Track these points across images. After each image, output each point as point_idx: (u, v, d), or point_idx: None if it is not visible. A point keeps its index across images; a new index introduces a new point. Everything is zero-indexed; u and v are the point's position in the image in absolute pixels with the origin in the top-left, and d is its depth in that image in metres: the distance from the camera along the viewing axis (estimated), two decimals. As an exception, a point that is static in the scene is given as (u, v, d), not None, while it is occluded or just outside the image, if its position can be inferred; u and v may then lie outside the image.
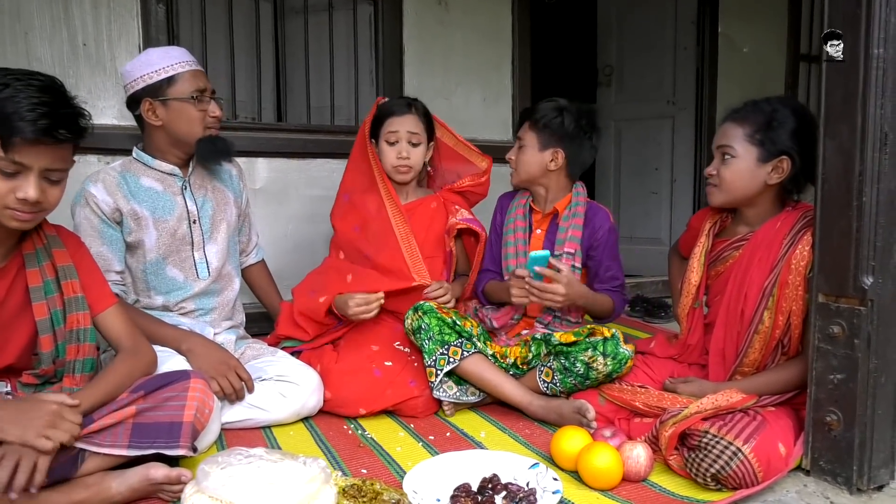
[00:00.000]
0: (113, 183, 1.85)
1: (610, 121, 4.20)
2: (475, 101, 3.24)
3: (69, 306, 1.42)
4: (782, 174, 1.60)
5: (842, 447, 1.41)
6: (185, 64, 1.87)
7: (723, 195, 1.67)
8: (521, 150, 2.06)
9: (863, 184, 1.34)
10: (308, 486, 1.13)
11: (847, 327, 1.38)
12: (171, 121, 1.85)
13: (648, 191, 4.04)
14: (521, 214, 2.10)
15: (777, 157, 1.59)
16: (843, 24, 1.36)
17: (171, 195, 1.91)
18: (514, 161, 2.09)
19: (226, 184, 2.05)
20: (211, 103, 1.90)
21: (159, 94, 1.83)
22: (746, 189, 1.64)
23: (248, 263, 2.23)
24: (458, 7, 3.16)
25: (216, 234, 1.99)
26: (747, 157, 1.62)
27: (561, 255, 1.98)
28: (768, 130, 1.59)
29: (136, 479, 1.34)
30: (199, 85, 1.86)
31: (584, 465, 1.43)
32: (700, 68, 3.80)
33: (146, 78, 1.84)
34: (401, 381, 1.89)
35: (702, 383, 1.63)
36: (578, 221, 2.02)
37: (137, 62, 1.87)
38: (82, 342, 1.43)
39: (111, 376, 1.40)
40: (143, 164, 1.91)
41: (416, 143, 2.13)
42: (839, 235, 1.38)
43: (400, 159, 2.11)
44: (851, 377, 1.38)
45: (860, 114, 1.34)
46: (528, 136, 2.04)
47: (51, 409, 1.25)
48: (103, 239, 1.83)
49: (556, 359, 1.82)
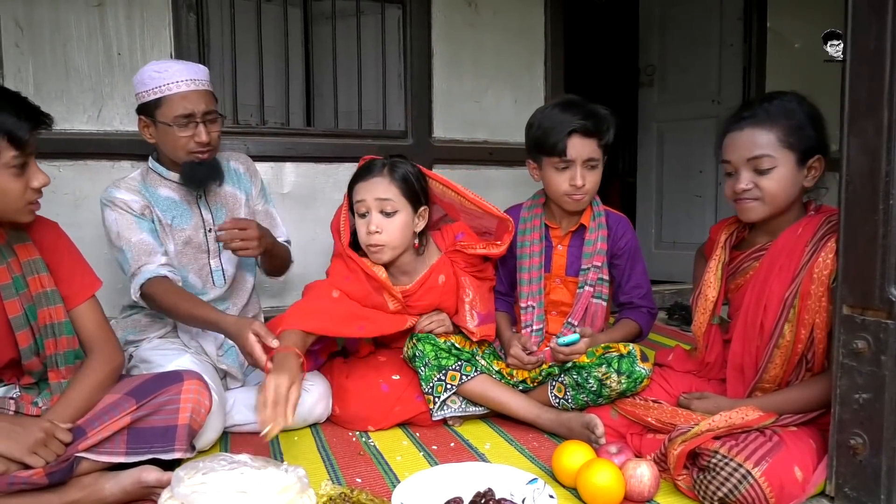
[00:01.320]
0: (134, 188, 1.88)
1: (652, 122, 4.07)
2: (506, 103, 3.18)
3: (38, 301, 1.41)
4: (817, 174, 1.49)
5: (867, 473, 1.28)
6: (174, 85, 1.79)
7: (766, 208, 1.51)
8: (594, 170, 1.87)
9: (890, 185, 1.22)
10: (281, 496, 1.10)
11: (873, 342, 1.26)
12: (159, 141, 1.85)
13: (692, 194, 3.88)
14: (538, 238, 1.94)
15: (812, 157, 1.48)
16: (869, 11, 1.25)
17: (187, 205, 1.92)
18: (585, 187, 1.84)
19: (235, 185, 2.04)
20: (198, 127, 1.80)
21: (149, 113, 1.82)
22: (789, 198, 1.50)
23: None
24: (488, 8, 3.11)
25: None
26: (787, 163, 1.48)
27: (589, 270, 1.89)
28: (800, 131, 1.47)
29: (129, 481, 1.36)
30: (185, 110, 1.77)
31: (584, 483, 1.36)
32: (747, 66, 3.62)
33: (141, 96, 1.83)
34: (408, 397, 1.84)
35: (717, 399, 1.53)
36: (605, 233, 1.92)
37: (137, 78, 1.84)
38: (59, 336, 1.43)
39: (82, 390, 1.40)
40: (158, 174, 1.92)
41: (390, 211, 1.76)
42: (864, 242, 1.27)
43: (369, 235, 1.76)
44: (878, 397, 1.26)
45: (887, 110, 1.22)
46: (598, 152, 1.85)
47: (43, 427, 1.29)
48: (141, 228, 1.82)
49: (569, 374, 1.75)
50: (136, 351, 1.84)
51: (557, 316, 1.95)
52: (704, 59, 3.77)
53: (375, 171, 1.78)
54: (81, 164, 2.56)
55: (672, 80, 3.95)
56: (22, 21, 2.47)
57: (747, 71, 3.62)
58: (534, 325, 1.91)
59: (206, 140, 1.81)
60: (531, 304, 1.91)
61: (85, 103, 2.55)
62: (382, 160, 1.82)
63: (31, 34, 2.48)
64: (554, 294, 1.94)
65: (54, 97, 2.51)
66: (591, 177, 1.85)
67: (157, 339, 1.86)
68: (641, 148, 4.18)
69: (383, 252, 1.78)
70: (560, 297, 1.94)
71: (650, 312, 1.95)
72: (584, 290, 1.89)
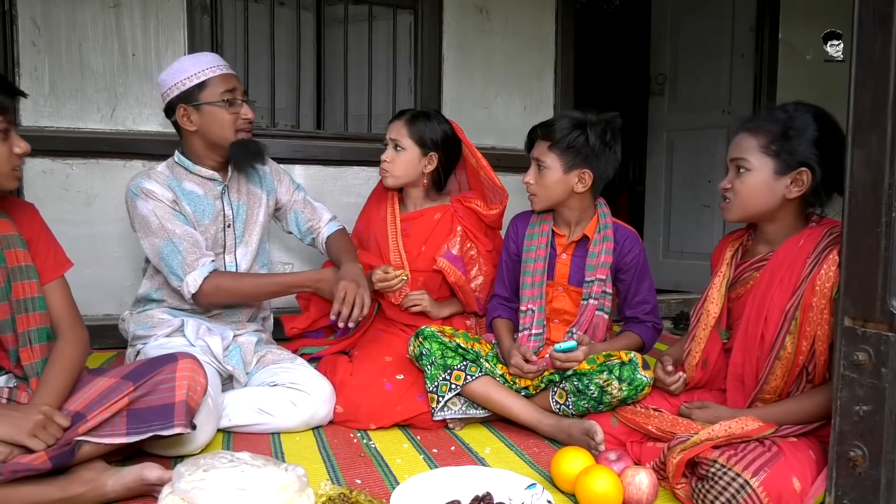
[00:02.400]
0: (164, 181, 1.91)
1: (662, 130, 4.07)
2: (516, 109, 3.20)
3: (13, 275, 1.45)
4: (802, 187, 1.48)
5: (867, 486, 1.28)
6: (215, 68, 1.90)
7: (737, 211, 1.56)
8: (542, 172, 1.88)
9: (892, 198, 1.22)
10: (280, 494, 1.12)
11: (874, 354, 1.25)
12: (204, 125, 1.89)
13: (700, 204, 3.87)
14: (544, 243, 1.95)
15: (796, 169, 1.48)
16: (874, 23, 1.25)
17: (211, 199, 1.96)
18: (533, 185, 1.91)
19: (257, 185, 2.08)
20: (243, 106, 1.91)
21: (192, 99, 1.88)
22: (763, 204, 1.53)
23: (324, 237, 2.20)
24: (499, 15, 3.13)
25: (248, 237, 2.03)
26: (763, 169, 1.51)
27: (593, 283, 1.89)
28: (785, 140, 1.48)
29: (130, 478, 1.37)
30: (230, 86, 1.89)
31: (582, 489, 1.36)
32: (758, 76, 3.62)
33: (179, 85, 1.88)
34: (410, 397, 1.86)
35: (718, 409, 1.53)
36: (610, 246, 1.89)
37: (171, 70, 1.91)
38: (31, 311, 1.46)
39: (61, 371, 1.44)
40: (185, 168, 1.96)
41: (400, 148, 2.16)
42: (866, 253, 1.26)
43: (382, 162, 2.18)
44: (878, 409, 1.25)
45: (891, 121, 1.22)
46: (548, 157, 1.86)
47: (42, 410, 1.33)
48: (179, 220, 1.87)
49: (570, 380, 1.75)
50: (143, 348, 1.86)
51: (560, 324, 1.94)
52: (715, 69, 3.77)
53: (401, 116, 2.20)
54: (94, 162, 2.59)
55: (683, 89, 3.95)
56: (39, 20, 2.51)
57: (758, 81, 3.62)
58: (533, 329, 1.91)
59: (251, 117, 1.93)
60: (531, 307, 1.92)
61: (99, 102, 2.59)
62: (413, 110, 2.24)
63: (47, 33, 2.52)
64: (556, 302, 1.94)
65: (69, 96, 2.55)
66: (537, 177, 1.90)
67: (163, 337, 1.88)
68: (651, 156, 4.18)
69: (388, 177, 2.18)
70: (562, 306, 1.94)
71: (655, 328, 1.94)
72: (588, 303, 1.88)
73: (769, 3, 3.55)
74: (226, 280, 1.88)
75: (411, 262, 2.17)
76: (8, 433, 1.28)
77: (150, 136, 2.63)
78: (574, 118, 1.88)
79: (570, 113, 1.92)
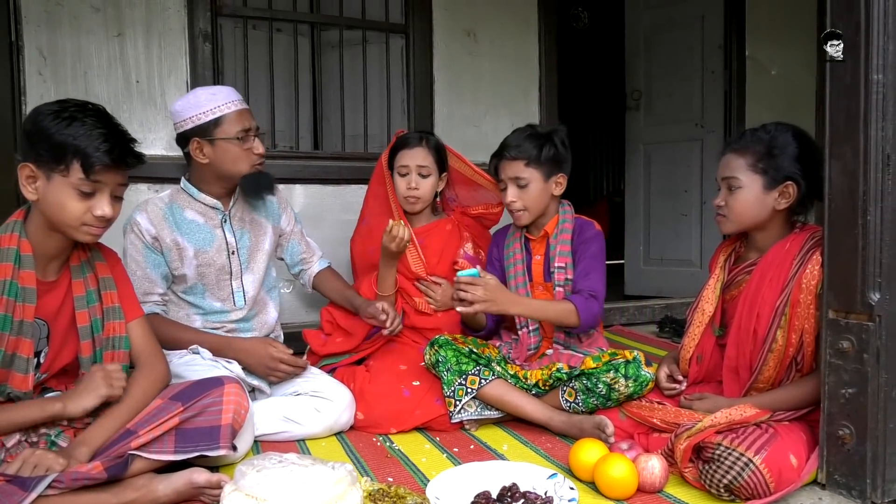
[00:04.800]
0: (159, 214, 1.99)
1: (639, 144, 4.25)
2: (503, 127, 3.32)
3: (107, 315, 1.57)
4: (790, 198, 1.65)
5: (855, 461, 1.43)
6: (230, 104, 1.96)
7: (732, 225, 1.72)
8: (526, 189, 2.01)
9: (867, 203, 1.39)
10: (336, 487, 1.22)
11: (856, 342, 1.42)
12: (217, 159, 1.96)
13: (678, 213, 4.06)
14: (519, 247, 2.12)
15: (782, 183, 1.64)
16: (845, 51, 1.42)
17: (211, 228, 2.03)
18: (518, 202, 2.02)
19: (262, 214, 2.16)
20: (255, 141, 1.98)
21: (206, 134, 1.93)
22: (756, 216, 1.68)
23: (315, 272, 2.31)
24: (486, 38, 3.29)
25: (253, 264, 2.10)
26: (753, 186, 1.66)
27: (555, 272, 2.03)
28: (770, 158, 1.65)
29: (180, 482, 1.45)
30: (244, 125, 1.95)
31: (601, 476, 1.49)
32: (728, 91, 3.84)
33: (194, 119, 1.94)
34: (428, 401, 1.97)
35: (716, 399, 1.67)
36: (567, 237, 2.06)
37: (186, 102, 1.96)
38: (117, 349, 1.57)
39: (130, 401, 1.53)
40: (189, 195, 2.03)
41: (426, 174, 2.24)
42: (846, 253, 1.43)
43: (409, 190, 2.24)
44: (862, 391, 1.41)
45: (863, 135, 1.39)
46: (526, 172, 2.00)
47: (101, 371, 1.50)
48: (147, 262, 1.96)
49: (579, 379, 1.88)
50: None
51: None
52: (688, 85, 3.97)
53: (419, 143, 2.27)
54: (101, 186, 2.66)
55: (657, 104, 4.15)
56: (45, 50, 2.58)
57: (728, 95, 3.83)
58: (529, 325, 2.05)
59: (263, 151, 2.00)
60: None
61: (105, 129, 2.66)
62: (420, 133, 2.33)
63: (53, 62, 2.60)
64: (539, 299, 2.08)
65: (76, 123, 2.62)
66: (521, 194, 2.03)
67: (187, 353, 1.95)
68: (629, 169, 4.36)
69: (417, 203, 2.27)
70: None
71: (593, 306, 1.95)
72: (556, 291, 2.04)
73: (736, 22, 3.78)
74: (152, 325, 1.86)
75: (431, 270, 2.26)
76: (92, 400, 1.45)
77: (155, 159, 2.70)
78: (536, 133, 2.05)
79: (527, 130, 2.07)
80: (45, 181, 1.42)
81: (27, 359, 1.47)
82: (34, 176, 1.43)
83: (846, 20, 1.41)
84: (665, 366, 1.85)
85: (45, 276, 1.51)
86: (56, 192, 1.42)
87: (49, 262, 1.52)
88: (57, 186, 1.41)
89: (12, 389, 1.47)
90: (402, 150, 2.27)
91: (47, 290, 1.51)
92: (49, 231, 1.48)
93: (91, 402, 1.45)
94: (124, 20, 2.67)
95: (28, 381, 1.48)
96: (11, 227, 1.47)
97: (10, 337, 1.44)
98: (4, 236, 1.46)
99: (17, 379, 1.47)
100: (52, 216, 1.44)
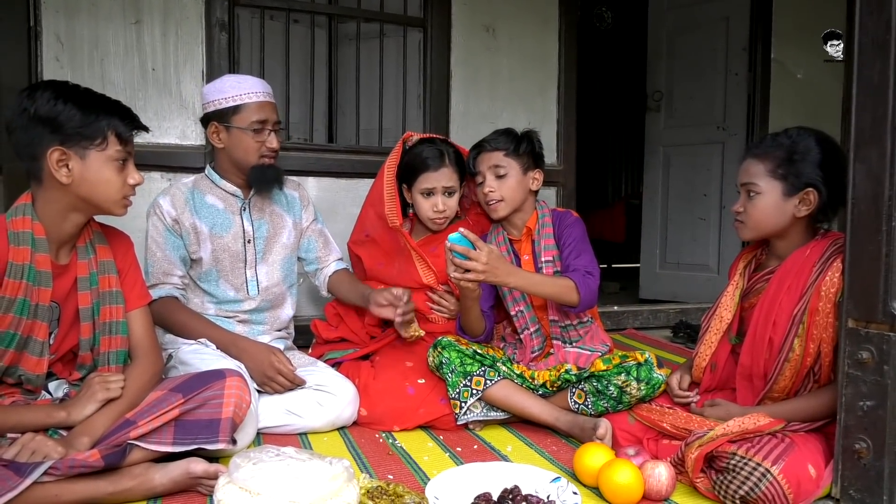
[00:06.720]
0: (181, 198, 2.02)
1: (658, 146, 4.20)
2: (520, 125, 3.22)
3: (104, 299, 1.55)
4: (810, 206, 1.59)
5: (871, 476, 1.38)
6: (254, 95, 1.97)
7: (750, 231, 1.66)
8: (504, 179, 1.99)
9: (892, 208, 1.33)
10: (331, 483, 1.19)
11: (876, 353, 1.36)
12: (230, 145, 1.99)
13: (696, 217, 3.99)
14: (505, 251, 2.06)
15: (803, 190, 1.59)
16: (873, 49, 1.36)
17: (230, 214, 2.05)
18: (496, 192, 1.99)
19: (284, 208, 2.16)
20: (270, 135, 1.99)
21: (224, 119, 1.97)
22: (775, 224, 1.63)
23: (330, 272, 2.26)
24: (505, 34, 3.25)
25: (269, 255, 2.11)
26: (772, 192, 1.61)
27: (543, 266, 1.99)
28: (790, 164, 1.59)
29: (177, 472, 1.44)
30: (262, 116, 1.97)
31: (605, 481, 1.45)
32: (751, 94, 3.77)
33: (216, 103, 1.98)
34: (432, 400, 1.94)
35: (729, 407, 1.62)
36: (549, 231, 2.04)
37: (213, 86, 2.01)
38: (114, 334, 1.56)
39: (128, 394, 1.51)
40: (212, 181, 2.07)
41: (452, 193, 2.14)
42: (868, 260, 1.37)
43: (436, 212, 2.13)
44: (881, 404, 1.35)
45: (889, 138, 1.33)
46: (505, 161, 1.99)
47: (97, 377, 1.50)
48: (167, 244, 1.99)
49: (589, 381, 1.84)
50: (175, 352, 1.92)
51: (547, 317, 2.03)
52: (710, 87, 3.91)
53: (441, 162, 2.11)
54: (114, 173, 2.66)
55: (679, 106, 4.09)
56: (63, 36, 2.59)
57: (752, 99, 3.76)
58: (529, 326, 2.01)
59: (276, 147, 2.01)
60: (520, 309, 2.02)
61: (119, 116, 2.66)
62: (437, 148, 2.14)
63: (70, 49, 2.60)
64: (536, 300, 2.03)
65: (91, 110, 2.62)
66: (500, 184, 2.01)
67: (196, 343, 1.94)
68: (647, 171, 4.30)
69: (445, 222, 2.18)
70: (542, 302, 2.03)
71: (591, 283, 1.90)
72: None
73: (762, 23, 3.71)
74: (166, 308, 1.95)
75: (444, 279, 2.18)
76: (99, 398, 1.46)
77: (169, 148, 2.71)
78: (513, 131, 2.07)
79: (504, 130, 2.08)
80: (79, 161, 1.42)
81: (42, 342, 1.47)
82: (64, 159, 1.42)
83: (876, 18, 1.36)
84: (678, 374, 1.81)
85: (57, 259, 1.51)
86: (97, 169, 1.43)
87: (62, 245, 1.52)
88: (95, 163, 1.43)
89: (24, 372, 1.48)
90: (426, 172, 2.11)
91: (60, 274, 1.51)
92: (67, 213, 1.48)
93: (92, 408, 1.46)
94: (142, 7, 2.67)
95: (42, 364, 1.49)
96: (22, 210, 1.46)
97: (27, 320, 1.44)
98: (17, 220, 1.45)
99: (31, 362, 1.47)
100: (95, 194, 1.45)
